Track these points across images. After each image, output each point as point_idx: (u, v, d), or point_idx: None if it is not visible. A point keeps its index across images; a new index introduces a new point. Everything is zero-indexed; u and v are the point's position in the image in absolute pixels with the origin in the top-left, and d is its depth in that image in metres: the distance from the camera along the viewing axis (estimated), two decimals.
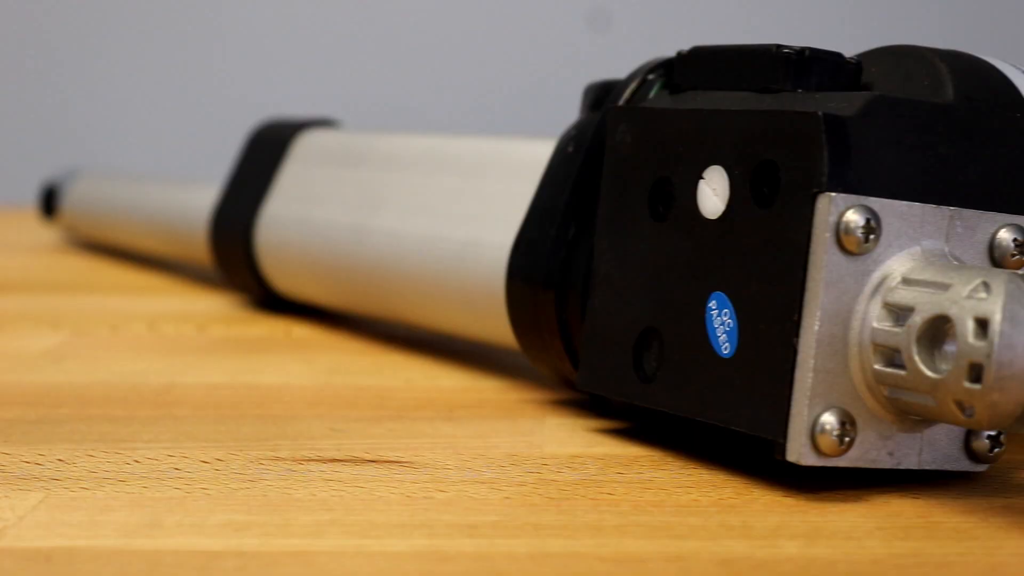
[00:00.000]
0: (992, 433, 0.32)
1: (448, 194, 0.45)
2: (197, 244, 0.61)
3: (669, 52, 0.38)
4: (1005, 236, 0.32)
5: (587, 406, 0.40)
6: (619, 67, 0.41)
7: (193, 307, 0.59)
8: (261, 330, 0.53)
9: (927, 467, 0.32)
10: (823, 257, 0.30)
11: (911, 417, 0.31)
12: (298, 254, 0.52)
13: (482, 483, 0.32)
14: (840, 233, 0.30)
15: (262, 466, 0.33)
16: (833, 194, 0.30)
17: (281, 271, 0.54)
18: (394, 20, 0.97)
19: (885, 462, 0.31)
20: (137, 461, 0.34)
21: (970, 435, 0.32)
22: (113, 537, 0.28)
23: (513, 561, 0.27)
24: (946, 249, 0.31)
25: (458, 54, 0.94)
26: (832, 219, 0.30)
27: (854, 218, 0.30)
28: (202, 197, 0.61)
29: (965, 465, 0.32)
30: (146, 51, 1.01)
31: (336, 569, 0.27)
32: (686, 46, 0.37)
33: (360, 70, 0.97)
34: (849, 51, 0.35)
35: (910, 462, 0.32)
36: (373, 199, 0.49)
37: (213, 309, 0.58)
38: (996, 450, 0.32)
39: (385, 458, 0.34)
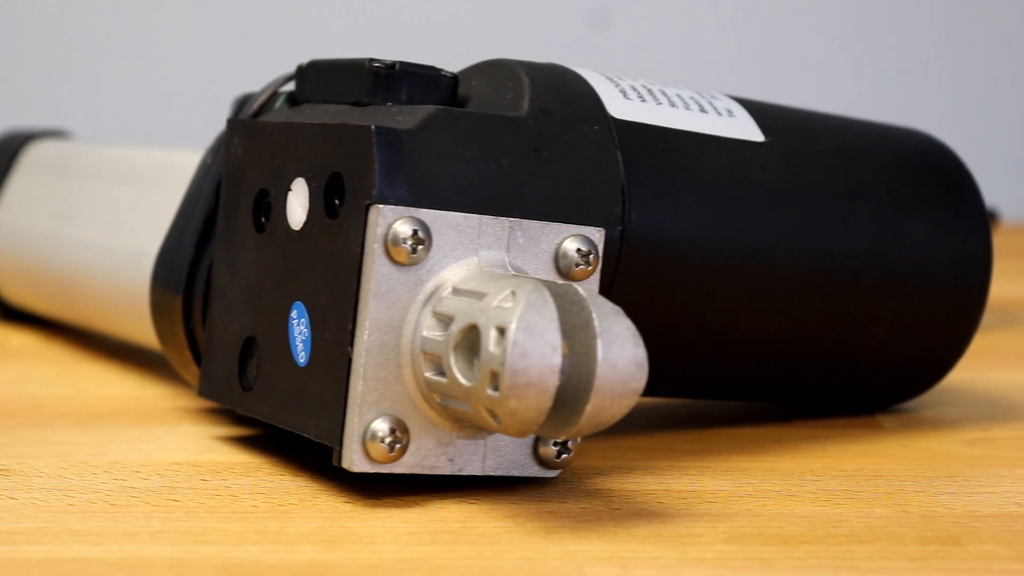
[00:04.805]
0: (559, 439, 0.33)
1: (126, 205, 0.46)
2: None
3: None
4: (570, 246, 0.33)
5: (232, 413, 0.40)
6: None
7: None
8: None
9: (492, 473, 0.32)
10: (372, 268, 0.31)
11: (467, 424, 0.32)
12: (14, 264, 0.52)
13: (59, 490, 0.33)
14: (388, 244, 0.31)
15: None
16: (382, 206, 0.31)
17: (3, 280, 0.54)
18: (392, 17, 0.97)
19: (445, 468, 0.32)
20: None
21: (538, 442, 0.33)
22: None
23: (20, 567, 0.27)
24: (507, 259, 0.32)
25: (457, 52, 0.95)
26: (380, 230, 0.31)
27: (402, 229, 0.31)
28: None
29: (534, 471, 0.33)
30: None
31: None
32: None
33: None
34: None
35: (473, 468, 0.32)
36: (68, 209, 0.49)
37: None
38: (564, 456, 0.33)
39: None
